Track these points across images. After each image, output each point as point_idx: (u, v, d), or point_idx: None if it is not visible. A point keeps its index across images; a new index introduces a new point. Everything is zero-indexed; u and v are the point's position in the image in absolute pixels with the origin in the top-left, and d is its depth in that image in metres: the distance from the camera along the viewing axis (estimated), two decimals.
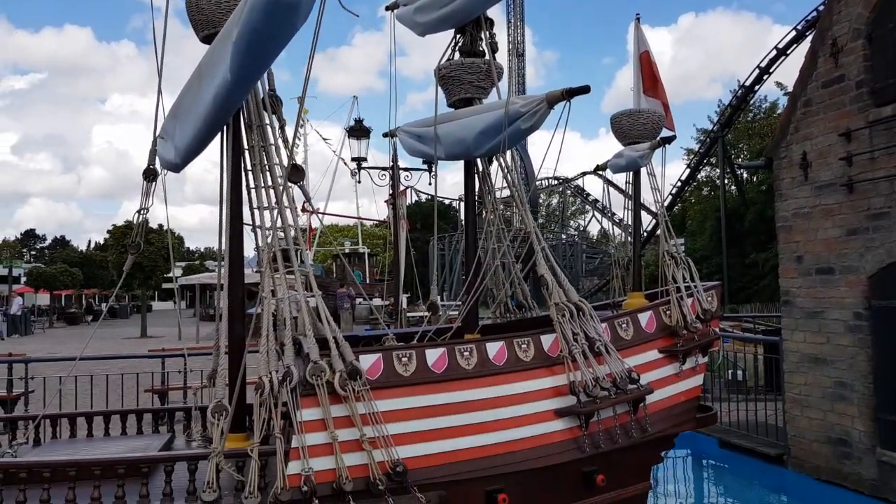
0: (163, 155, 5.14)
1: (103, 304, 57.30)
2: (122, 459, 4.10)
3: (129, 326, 39.04)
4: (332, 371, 4.18)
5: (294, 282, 4.79)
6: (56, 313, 49.37)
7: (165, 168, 5.19)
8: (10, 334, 33.29)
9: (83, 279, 48.52)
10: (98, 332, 35.58)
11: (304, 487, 3.91)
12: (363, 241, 33.56)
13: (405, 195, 13.62)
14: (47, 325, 43.59)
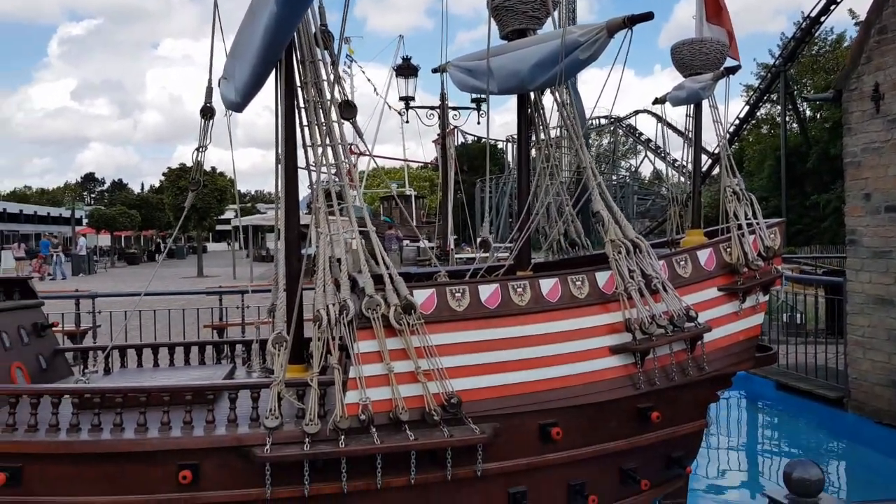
0: (225, 95, 5.19)
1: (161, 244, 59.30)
2: (189, 387, 4.28)
3: (185, 266, 40.32)
4: (387, 305, 4.24)
5: (348, 219, 4.82)
6: (116, 254, 51.33)
7: (228, 108, 5.26)
8: (75, 273, 34.83)
9: (141, 221, 50.11)
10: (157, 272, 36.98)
11: (362, 416, 4.03)
12: (410, 184, 33.58)
13: (453, 135, 13.42)
14: (109, 265, 45.40)
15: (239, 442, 4.02)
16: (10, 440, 3.98)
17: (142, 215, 50.06)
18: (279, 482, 3.98)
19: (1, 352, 4.80)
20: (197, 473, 3.95)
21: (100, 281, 30.57)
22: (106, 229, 48.63)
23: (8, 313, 5.08)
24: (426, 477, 4.15)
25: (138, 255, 51.11)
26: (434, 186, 47.63)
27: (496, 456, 4.25)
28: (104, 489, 3.96)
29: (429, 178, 49.48)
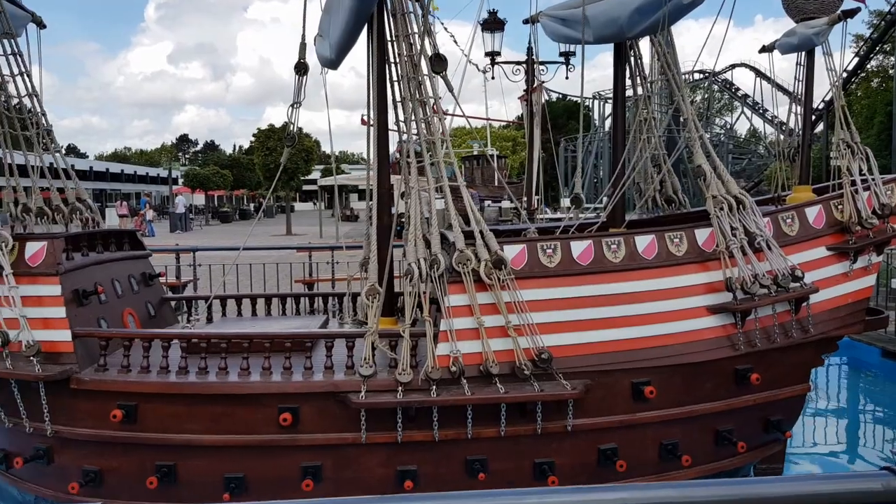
0: (320, 52, 5.26)
1: (251, 203, 61.54)
2: (288, 335, 4.45)
3: (275, 225, 41.74)
4: (478, 260, 4.24)
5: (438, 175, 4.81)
6: (210, 212, 53.69)
7: (324, 65, 5.34)
8: (172, 230, 36.69)
9: (232, 181, 52.11)
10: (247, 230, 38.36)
11: (453, 368, 4.08)
12: (492, 143, 33.29)
13: (540, 91, 13.15)
14: (203, 223, 47.56)
15: (335, 388, 4.17)
16: (126, 380, 4.26)
17: (233, 175, 52.03)
18: (373, 428, 4.10)
19: (114, 298, 5.11)
20: (296, 416, 4.12)
21: (195, 238, 32.08)
22: (200, 189, 50.85)
23: (120, 263, 5.40)
24: (516, 429, 4.18)
25: (230, 213, 53.26)
26: (517, 146, 47.05)
27: (587, 412, 4.23)
28: (210, 428, 4.20)
29: (511, 137, 48.86)
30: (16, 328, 4.25)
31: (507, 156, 36.70)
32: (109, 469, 4.31)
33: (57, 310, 4.38)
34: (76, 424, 4.30)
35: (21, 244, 4.47)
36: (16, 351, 4.24)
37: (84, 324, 4.52)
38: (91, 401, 4.26)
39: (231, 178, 51.48)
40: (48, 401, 4.24)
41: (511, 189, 28.73)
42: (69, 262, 4.61)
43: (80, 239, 5.02)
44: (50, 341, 4.32)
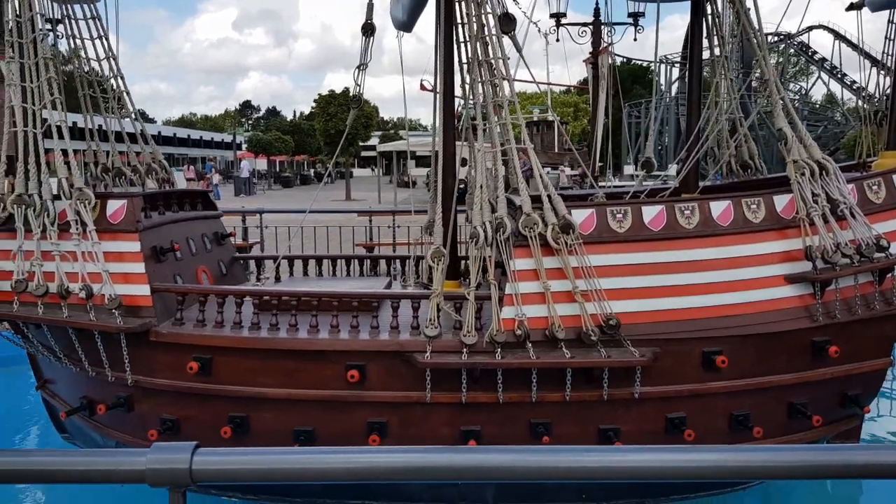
0: (394, 15, 5.26)
1: (311, 169, 62.48)
2: (356, 294, 4.53)
3: (334, 190, 42.31)
4: (545, 224, 4.20)
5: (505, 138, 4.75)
6: (272, 177, 54.74)
7: (398, 28, 5.33)
8: (236, 194, 37.62)
9: (293, 146, 52.85)
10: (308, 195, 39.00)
11: (518, 331, 4.08)
12: (552, 109, 32.71)
13: (607, 53, 12.77)
14: (266, 188, 48.57)
15: (401, 347, 4.23)
16: (201, 333, 4.42)
17: (294, 141, 52.74)
18: (438, 387, 4.16)
19: (188, 256, 5.28)
20: (363, 374, 4.21)
21: (258, 201, 32.85)
22: (263, 154, 51.81)
23: (193, 222, 5.57)
24: (581, 395, 4.17)
25: (291, 178, 54.21)
26: (578, 112, 46.05)
27: (655, 380, 4.17)
28: (281, 382, 4.33)
29: (572, 103, 47.84)
30: (98, 282, 4.44)
31: (569, 122, 36.00)
32: (186, 418, 4.51)
33: (136, 265, 4.55)
34: (155, 375, 4.50)
35: (103, 202, 4.65)
36: (99, 304, 4.44)
37: (161, 279, 4.69)
38: (168, 353, 4.44)
39: (292, 144, 52.20)
40: (129, 352, 4.44)
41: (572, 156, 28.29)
42: (147, 220, 4.77)
43: (157, 198, 5.19)
44: (130, 295, 4.50)
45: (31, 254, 4.48)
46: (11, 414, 7.62)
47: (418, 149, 32.04)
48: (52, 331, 4.62)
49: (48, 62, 4.79)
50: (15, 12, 4.79)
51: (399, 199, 27.61)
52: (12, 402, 7.99)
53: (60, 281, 4.46)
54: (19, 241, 4.49)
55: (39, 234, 4.49)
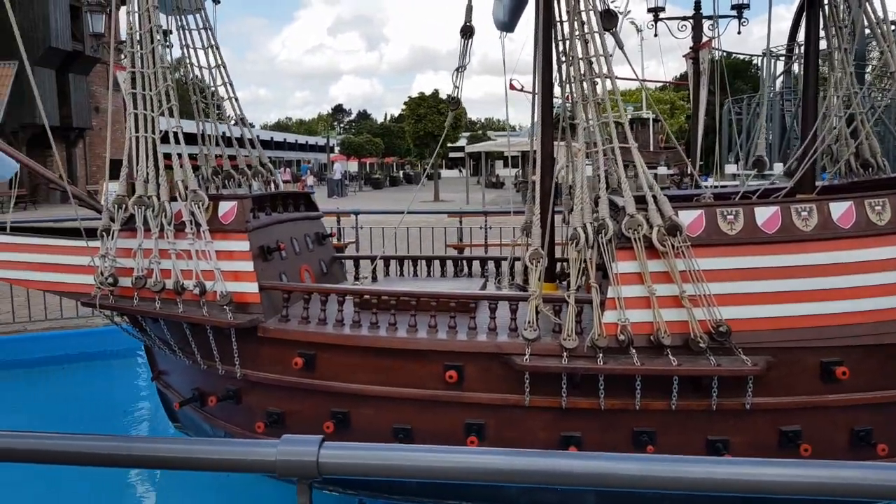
0: (496, 16, 5.28)
1: (400, 171, 63.52)
2: (454, 295, 4.54)
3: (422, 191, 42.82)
4: (650, 226, 4.07)
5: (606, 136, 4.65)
6: (363, 178, 56.08)
7: (500, 29, 5.34)
8: (329, 196, 38.76)
9: (383, 148, 53.97)
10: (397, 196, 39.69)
11: (621, 336, 3.97)
12: (647, 106, 31.79)
13: (709, 48, 12.26)
14: (357, 189, 49.79)
15: (499, 349, 4.20)
16: (305, 330, 4.56)
17: (384, 143, 53.86)
18: (537, 391, 4.10)
19: (292, 255, 5.46)
20: (461, 374, 4.21)
21: (350, 202, 33.68)
22: (354, 156, 53.18)
23: (297, 223, 5.75)
24: (688, 404, 4.01)
25: (381, 180, 55.34)
26: (674, 110, 44.53)
27: (768, 391, 3.96)
28: (381, 380, 4.40)
29: (669, 100, 46.32)
30: (211, 279, 4.66)
31: (665, 119, 34.91)
32: (291, 412, 4.66)
33: (246, 264, 4.74)
34: (261, 369, 4.67)
35: (215, 203, 4.87)
36: (211, 300, 4.65)
37: (268, 278, 4.86)
38: (274, 348, 4.60)
39: (382, 146, 53.32)
40: (238, 346, 4.63)
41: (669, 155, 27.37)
42: (256, 221, 4.96)
43: (264, 200, 5.39)
44: (239, 292, 4.69)
45: (150, 252, 4.75)
46: (126, 402, 8.15)
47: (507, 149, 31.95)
48: (168, 325, 4.88)
49: (165, 72, 5.07)
50: (135, 25, 5.10)
51: (487, 199, 27.64)
52: (127, 391, 8.54)
53: (176, 278, 4.70)
54: (139, 239, 4.77)
55: (157, 233, 4.75)
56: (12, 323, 9.14)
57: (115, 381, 8.88)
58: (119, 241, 4.85)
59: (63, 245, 5.25)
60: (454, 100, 5.45)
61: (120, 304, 4.88)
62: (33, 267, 5.36)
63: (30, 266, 5.38)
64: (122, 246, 4.87)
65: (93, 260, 4.91)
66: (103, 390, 8.47)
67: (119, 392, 8.51)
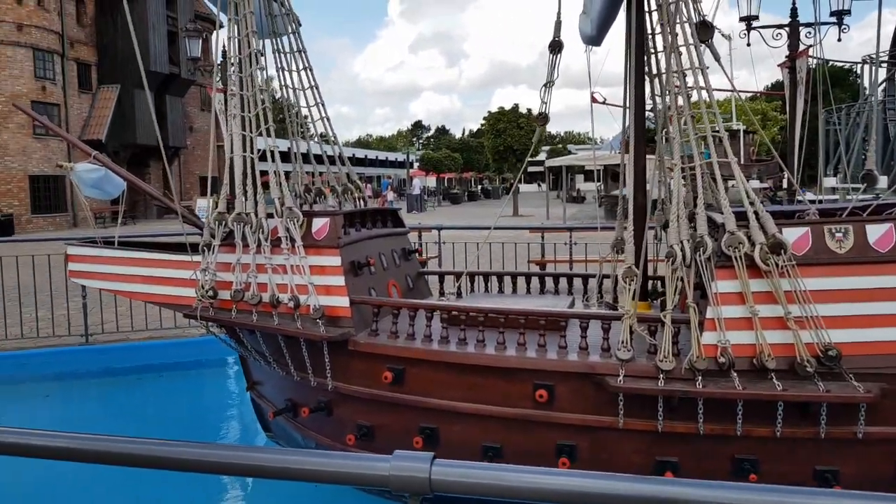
0: (583, 30, 5.25)
1: (479, 185, 63.72)
2: (543, 312, 4.48)
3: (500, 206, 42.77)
4: (751, 243, 3.90)
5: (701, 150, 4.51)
6: (441, 194, 56.61)
7: (586, 42, 5.32)
8: (409, 210, 39.34)
9: (462, 163, 54.35)
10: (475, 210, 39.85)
11: (721, 359, 3.81)
12: (738, 117, 30.66)
13: (805, 56, 11.71)
14: (436, 204, 50.30)
15: (591, 369, 4.11)
16: (394, 345, 4.61)
17: (462, 158, 54.24)
18: (631, 413, 3.99)
19: (380, 271, 5.55)
20: (552, 394, 4.14)
21: (429, 217, 34.06)
22: (433, 171, 53.80)
23: (385, 239, 5.85)
24: (794, 431, 3.80)
25: (459, 195, 55.70)
26: (766, 121, 42.77)
27: (884, 419, 3.70)
28: (469, 397, 4.38)
29: (761, 110, 44.55)
30: (305, 293, 4.78)
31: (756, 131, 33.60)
32: (380, 425, 4.71)
33: (337, 278, 4.85)
34: (352, 382, 4.75)
35: (308, 220, 5.01)
36: (304, 313, 4.78)
37: (358, 292, 4.95)
38: (364, 361, 4.67)
39: (461, 161, 53.71)
40: (330, 359, 4.73)
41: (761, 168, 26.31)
42: (347, 237, 5.07)
43: (354, 216, 5.51)
44: (331, 306, 4.80)
45: (248, 266, 4.93)
46: (219, 410, 8.48)
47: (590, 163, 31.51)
48: (264, 337, 5.04)
49: (263, 94, 5.29)
50: (234, 50, 5.34)
51: (568, 214, 27.33)
52: (220, 399, 8.89)
53: (272, 291, 4.86)
54: (238, 254, 4.97)
55: (255, 248, 4.93)
56: (116, 332, 9.69)
57: (209, 390, 9.26)
58: (219, 256, 5.06)
59: (168, 259, 5.52)
60: (542, 115, 5.41)
61: (219, 315, 5.08)
62: (140, 280, 5.67)
63: (137, 279, 5.69)
64: (221, 260, 5.07)
65: (195, 273, 5.13)
66: (198, 398, 8.85)
67: (212, 400, 8.87)
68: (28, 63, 33.57)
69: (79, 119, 36.76)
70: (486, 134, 36.51)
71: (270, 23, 5.89)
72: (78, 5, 37.05)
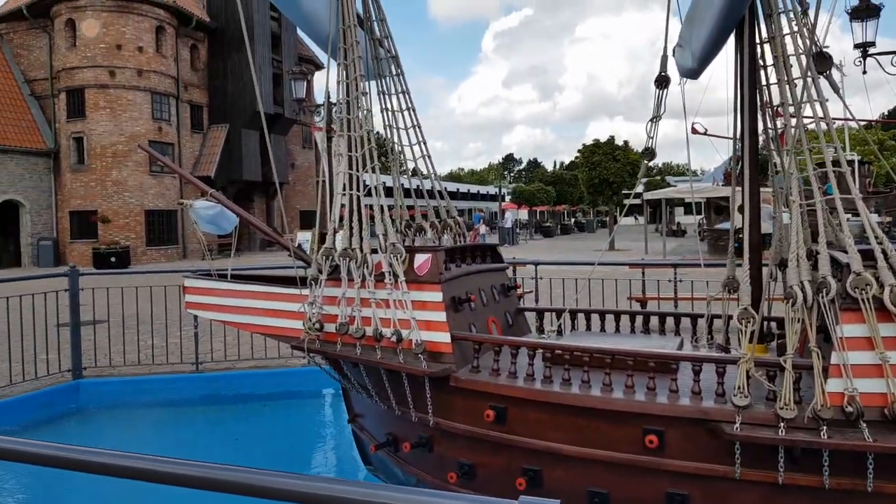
0: (680, 63, 5.17)
1: (572, 218, 63.02)
2: (655, 354, 4.33)
3: (595, 240, 42.05)
4: (880, 285, 3.64)
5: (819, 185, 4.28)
6: (534, 227, 56.35)
7: (684, 76, 5.23)
8: (501, 244, 39.29)
9: (555, 196, 54.03)
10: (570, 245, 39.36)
11: (849, 408, 3.55)
12: (851, 147, 28.93)
13: None
14: (528, 238, 50.09)
15: (704, 415, 3.92)
16: (496, 382, 4.57)
17: (556, 191, 53.93)
18: (748, 463, 3.76)
19: (480, 307, 5.55)
20: (662, 440, 3.98)
21: (521, 251, 33.93)
22: (525, 204, 53.74)
23: (484, 274, 5.86)
24: None
25: (552, 228, 55.25)
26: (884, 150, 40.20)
27: None
28: (573, 439, 4.27)
29: (877, 140, 41.89)
30: (407, 328, 4.85)
31: (871, 161, 31.61)
32: (482, 464, 4.66)
33: (438, 314, 4.88)
34: (453, 419, 4.74)
35: (411, 255, 5.10)
36: (406, 348, 4.84)
37: (459, 328, 4.97)
38: (466, 398, 4.66)
39: (553, 194, 53.40)
40: (431, 394, 4.75)
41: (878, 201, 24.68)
42: (448, 273, 5.12)
43: (455, 252, 5.56)
44: (432, 342, 4.83)
45: (352, 300, 5.06)
46: (319, 440, 8.66)
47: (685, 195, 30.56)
48: (367, 370, 5.13)
49: (370, 134, 5.47)
50: (342, 93, 5.56)
51: (668, 248, 26.51)
52: (319, 430, 9.09)
53: (376, 325, 4.95)
54: (343, 288, 5.11)
55: (360, 283, 5.06)
56: (223, 361, 10.14)
57: (310, 420, 9.49)
58: (325, 290, 5.22)
59: (277, 292, 5.75)
60: (649, 150, 5.31)
61: (325, 348, 5.22)
62: (251, 312, 5.92)
63: (248, 311, 5.95)
64: (328, 294, 5.23)
65: (302, 306, 5.31)
66: (299, 428, 9.08)
67: (313, 430, 9.08)
68: (146, 105, 36.49)
69: (191, 157, 39.40)
70: (581, 166, 36.13)
71: (376, 66, 6.12)
72: (192, 51, 40.02)
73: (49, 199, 36.55)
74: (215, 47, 40.75)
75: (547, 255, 29.31)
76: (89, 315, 10.06)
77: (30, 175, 35.67)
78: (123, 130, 35.59)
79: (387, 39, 6.10)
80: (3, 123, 35.05)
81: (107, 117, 35.39)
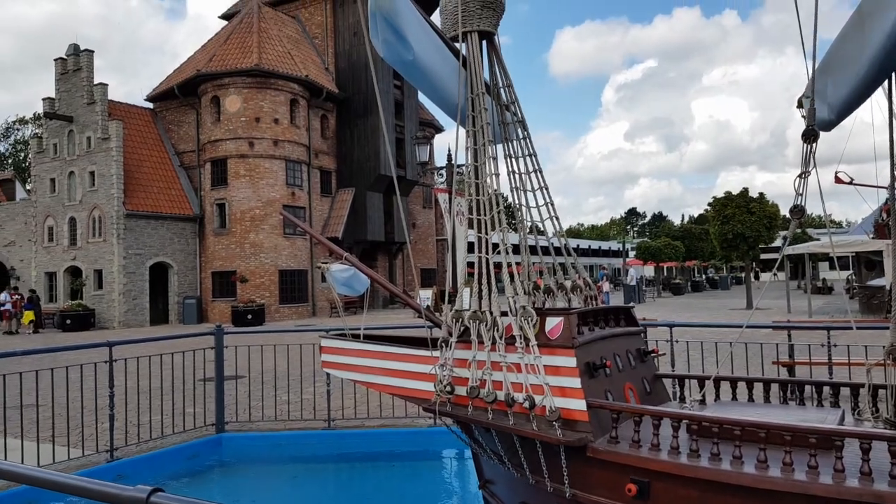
0: (818, 115, 4.86)
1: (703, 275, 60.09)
2: (817, 429, 3.94)
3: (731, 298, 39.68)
4: None
5: None
6: (661, 283, 54.17)
7: (820, 129, 4.91)
8: (626, 302, 38.07)
9: (684, 251, 51.85)
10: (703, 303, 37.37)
11: None
12: None
13: None
14: (655, 295, 48.16)
15: (879, 500, 3.49)
16: (638, 455, 4.32)
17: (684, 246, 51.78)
18: None
19: (616, 373, 5.32)
20: None
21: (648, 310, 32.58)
22: (651, 260, 51.92)
23: (620, 338, 5.64)
24: None
25: (682, 285, 52.87)
26: None
27: None
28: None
29: None
30: (540, 394, 4.72)
31: None
32: None
33: (572, 380, 4.73)
34: (591, 491, 4.51)
35: (542, 318, 5.01)
36: (540, 414, 4.70)
37: (594, 395, 4.78)
38: (605, 470, 4.43)
39: (682, 249, 51.27)
40: (567, 464, 4.56)
41: None
42: (582, 336, 4.97)
43: (588, 315, 5.41)
44: (567, 409, 4.67)
45: (483, 364, 5.02)
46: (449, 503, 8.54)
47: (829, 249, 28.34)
48: (499, 436, 5.03)
49: (497, 197, 5.52)
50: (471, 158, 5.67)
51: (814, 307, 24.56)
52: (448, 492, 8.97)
53: (507, 390, 4.87)
54: (473, 351, 5.08)
55: (490, 346, 5.02)
56: (353, 419, 10.35)
57: (440, 482, 9.41)
58: (456, 352, 5.22)
59: (408, 353, 5.82)
60: (798, 208, 4.97)
61: (456, 411, 5.19)
62: (383, 372, 6.02)
63: (380, 371, 6.06)
64: (458, 356, 5.23)
65: (433, 368, 5.34)
66: (427, 490, 9.02)
67: (443, 493, 8.98)
68: (281, 173, 39.34)
69: (320, 219, 41.73)
70: (712, 220, 34.49)
71: (503, 130, 6.22)
72: (322, 121, 42.90)
73: (194, 260, 39.90)
74: (343, 116, 43.51)
75: (678, 315, 27.99)
76: (230, 371, 10.67)
77: (178, 239, 39.24)
78: (261, 196, 38.50)
79: (513, 104, 6.20)
80: (156, 193, 38.99)
81: (246, 184, 38.46)
